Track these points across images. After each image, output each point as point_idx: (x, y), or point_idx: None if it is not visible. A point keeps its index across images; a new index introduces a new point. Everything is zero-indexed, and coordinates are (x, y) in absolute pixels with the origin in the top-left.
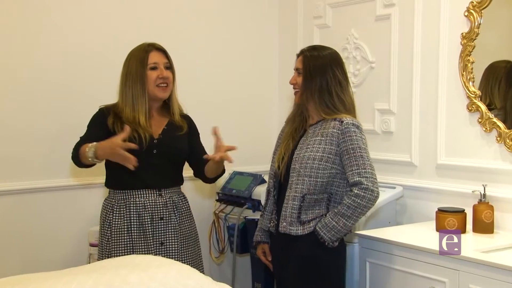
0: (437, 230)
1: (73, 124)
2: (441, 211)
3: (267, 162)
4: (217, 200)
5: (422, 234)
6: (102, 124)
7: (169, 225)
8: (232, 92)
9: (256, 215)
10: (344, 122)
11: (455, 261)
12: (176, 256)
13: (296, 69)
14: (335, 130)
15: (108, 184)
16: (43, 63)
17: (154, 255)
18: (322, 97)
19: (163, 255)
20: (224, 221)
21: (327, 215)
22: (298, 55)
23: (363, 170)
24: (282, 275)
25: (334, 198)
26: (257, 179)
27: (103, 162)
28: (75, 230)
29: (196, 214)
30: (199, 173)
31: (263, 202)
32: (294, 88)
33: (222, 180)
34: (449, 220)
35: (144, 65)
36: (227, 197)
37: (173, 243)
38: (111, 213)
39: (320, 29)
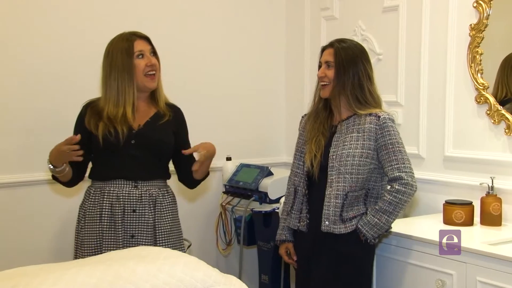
0: (445, 222)
1: (60, 118)
2: (448, 203)
3: (273, 154)
4: (224, 192)
5: (429, 227)
6: (81, 128)
7: (142, 219)
8: (239, 84)
9: (263, 207)
10: (381, 117)
11: (462, 254)
12: None
13: (326, 62)
14: (372, 126)
15: (89, 174)
16: (19, 57)
17: (123, 247)
18: (354, 91)
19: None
20: (231, 213)
21: (368, 212)
22: (324, 48)
23: (402, 165)
24: (312, 272)
25: (371, 193)
26: (264, 171)
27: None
28: (69, 222)
29: (203, 206)
30: (184, 175)
31: (278, 200)
32: (322, 82)
33: (229, 172)
34: (457, 213)
35: (130, 54)
36: (234, 189)
37: (144, 237)
38: (87, 202)
39: (327, 20)
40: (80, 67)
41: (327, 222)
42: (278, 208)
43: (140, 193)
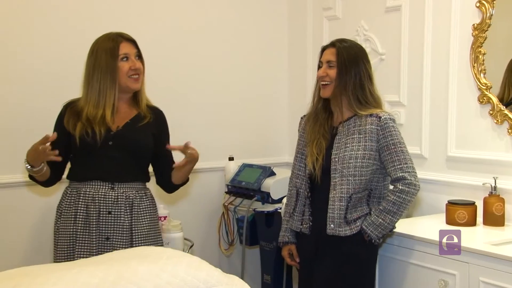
0: (447, 222)
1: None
2: (451, 203)
3: (276, 154)
4: (226, 192)
5: (432, 227)
6: (60, 128)
7: (118, 221)
8: (241, 84)
9: (265, 207)
10: (382, 117)
11: (465, 254)
12: None
13: (327, 62)
14: (373, 127)
15: (67, 175)
16: (18, 57)
17: (97, 249)
18: (355, 92)
19: (109, 250)
20: (233, 213)
21: (372, 213)
22: (325, 48)
23: (405, 165)
24: (315, 273)
25: (373, 193)
26: (266, 171)
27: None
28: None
29: (205, 206)
30: (162, 178)
31: (278, 200)
32: (323, 81)
33: (231, 173)
34: (459, 213)
35: (114, 56)
36: (236, 189)
37: (120, 240)
38: (64, 202)
39: (330, 20)
40: (79, 67)
41: (332, 225)
42: (280, 208)
43: (116, 195)
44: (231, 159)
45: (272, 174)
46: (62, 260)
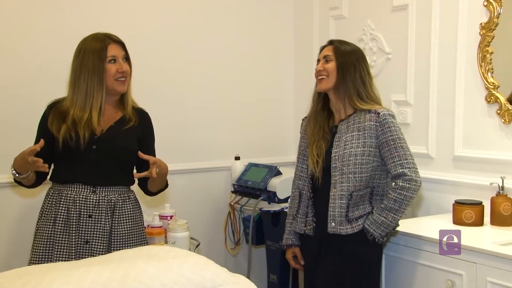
0: (454, 222)
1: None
2: (458, 203)
3: (282, 153)
4: (232, 192)
5: (439, 227)
6: (45, 129)
7: (98, 225)
8: (248, 84)
9: (272, 207)
10: (381, 113)
11: (472, 254)
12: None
13: (324, 57)
14: (372, 123)
15: (50, 176)
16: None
17: (75, 253)
18: (357, 86)
19: (87, 254)
20: (239, 213)
21: (374, 211)
22: (323, 47)
23: (405, 161)
24: (318, 274)
25: (376, 191)
26: (273, 170)
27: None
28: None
29: (211, 205)
30: (140, 183)
31: (280, 199)
32: (320, 75)
33: (237, 172)
34: (466, 213)
35: (102, 58)
36: (243, 189)
37: (99, 243)
38: (45, 204)
39: (336, 20)
40: (64, 69)
41: (333, 224)
42: (286, 208)
43: (98, 198)
44: (237, 158)
45: (278, 173)
46: (37, 262)
